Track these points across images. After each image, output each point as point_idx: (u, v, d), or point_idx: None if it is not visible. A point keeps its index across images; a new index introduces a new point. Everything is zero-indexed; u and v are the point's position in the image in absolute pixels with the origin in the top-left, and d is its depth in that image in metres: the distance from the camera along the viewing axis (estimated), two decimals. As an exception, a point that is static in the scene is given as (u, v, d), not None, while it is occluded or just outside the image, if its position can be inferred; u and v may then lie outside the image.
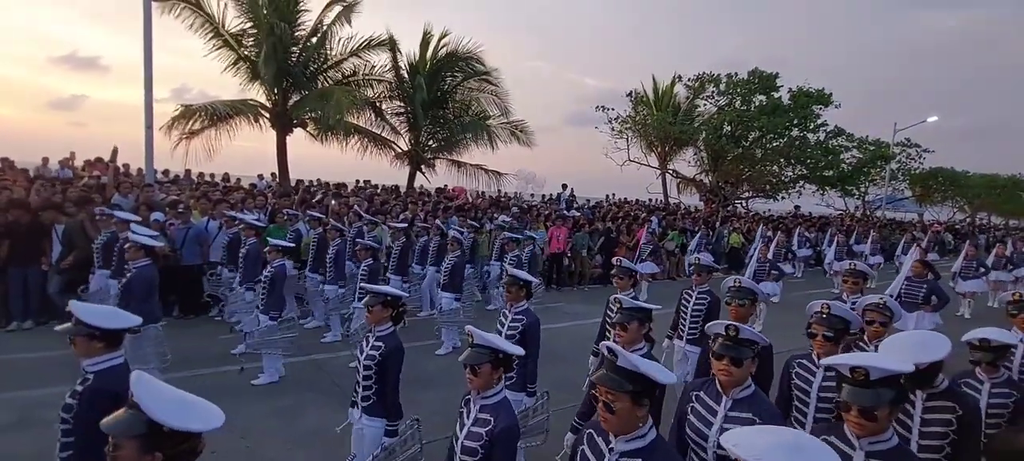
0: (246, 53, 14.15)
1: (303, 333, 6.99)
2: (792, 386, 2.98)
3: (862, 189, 27.22)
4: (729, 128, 22.73)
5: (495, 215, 12.32)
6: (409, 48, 16.22)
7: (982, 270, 11.10)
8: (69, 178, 10.88)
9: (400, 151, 16.97)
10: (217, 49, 13.98)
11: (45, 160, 12.43)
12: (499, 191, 17.86)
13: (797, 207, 24.52)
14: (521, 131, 17.07)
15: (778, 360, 3.22)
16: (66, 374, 3.00)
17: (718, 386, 2.36)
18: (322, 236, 7.61)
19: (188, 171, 14.26)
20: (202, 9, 13.50)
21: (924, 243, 15.95)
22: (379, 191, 14.59)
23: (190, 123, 13.39)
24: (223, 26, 13.79)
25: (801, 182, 23.92)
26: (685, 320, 4.88)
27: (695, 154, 24.45)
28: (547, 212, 13.78)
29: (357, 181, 16.23)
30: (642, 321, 3.19)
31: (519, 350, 2.49)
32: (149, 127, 10.23)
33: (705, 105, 23.57)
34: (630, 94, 24.14)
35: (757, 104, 22.10)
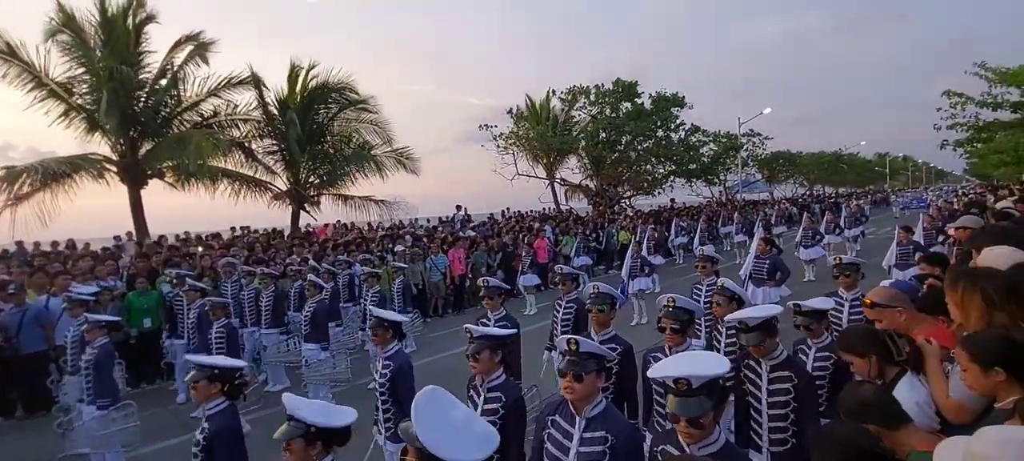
0: (79, 102, 12.45)
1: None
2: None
3: (721, 177, 30.59)
4: (603, 134, 24.35)
5: (392, 246, 11.98)
6: (276, 83, 15.32)
7: (818, 238, 12.76)
8: None
9: (278, 191, 15.89)
10: (41, 101, 12.15)
11: None
12: (391, 220, 17.38)
13: (672, 200, 26.86)
14: (407, 158, 16.79)
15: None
16: None
17: (571, 407, 2.25)
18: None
19: (19, 243, 12.12)
20: (17, 57, 11.68)
21: (771, 219, 18.24)
22: (259, 237, 13.47)
23: (16, 186, 11.47)
24: (46, 74, 12.03)
25: (671, 177, 26.26)
26: (557, 330, 4.84)
27: (578, 161, 25.86)
28: (443, 235, 13.67)
29: (233, 229, 14.87)
30: (494, 349, 2.87)
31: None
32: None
33: (579, 115, 25.07)
34: (511, 111, 24.98)
35: (624, 111, 23.95)
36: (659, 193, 26.91)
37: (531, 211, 23.46)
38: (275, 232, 14.84)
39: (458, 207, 18.63)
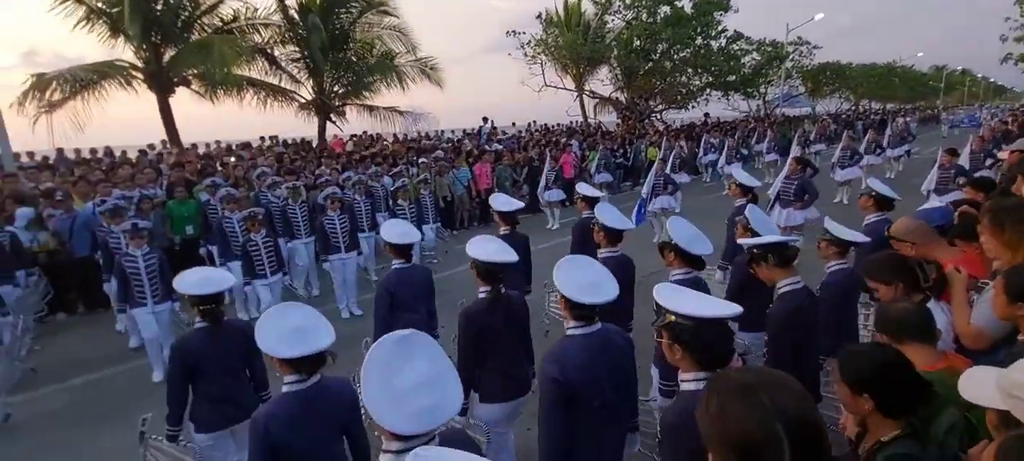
0: (100, 5, 12.27)
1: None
2: None
3: (762, 90, 28.97)
4: (638, 43, 23.07)
5: (416, 159, 11.96)
6: (295, -17, 14.74)
7: (856, 157, 12.08)
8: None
9: (304, 101, 15.81)
10: (61, 4, 12.01)
11: None
12: (418, 133, 17.26)
13: (706, 115, 25.80)
14: (431, 68, 16.34)
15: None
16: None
17: None
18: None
19: (60, 151, 12.53)
20: (35, -44, 11.45)
21: (809, 136, 17.36)
22: (286, 147, 13.61)
23: (48, 94, 11.65)
24: (66, -26, 11.81)
25: (708, 89, 25.03)
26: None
27: (610, 72, 24.77)
28: (469, 149, 13.56)
29: (261, 138, 15.02)
30: (477, 271, 2.90)
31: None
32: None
33: (613, 21, 23.65)
34: (539, 16, 23.73)
35: (662, 16, 22.47)
36: (693, 106, 25.82)
37: (558, 124, 22.94)
38: (304, 142, 14.96)
39: (484, 119, 18.30)
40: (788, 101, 32.60)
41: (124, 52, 12.83)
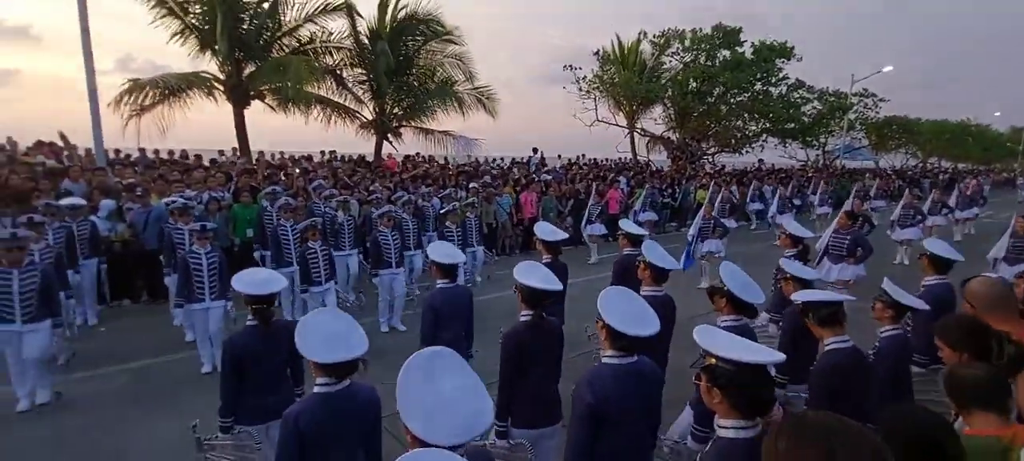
0: (193, 21, 13.42)
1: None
2: None
3: (821, 140, 28.05)
4: (695, 84, 22.97)
5: (466, 183, 12.26)
6: (367, 12, 15.66)
7: (919, 218, 11.33)
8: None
9: (365, 120, 16.59)
10: (161, 18, 13.21)
11: (-18, 144, 11.67)
12: (469, 157, 17.71)
13: (761, 160, 25.20)
14: (487, 97, 16.83)
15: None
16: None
17: None
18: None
19: (142, 150, 13.64)
20: (141, -26, 12.69)
21: (868, 191, 16.53)
22: (343, 163, 14.28)
23: (140, 98, 12.73)
24: (166, -8, 13.01)
25: (764, 135, 24.51)
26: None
27: (663, 111, 24.71)
28: (516, 177, 13.79)
29: (322, 152, 15.85)
30: (521, 294, 2.99)
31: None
32: (95, 106, 9.68)
33: (671, 61, 23.70)
34: (597, 53, 24.06)
35: (721, 59, 22.33)
36: (747, 151, 25.32)
37: (606, 159, 22.97)
38: (361, 159, 15.66)
39: (534, 150, 18.60)
40: (850, 153, 31.37)
41: (210, 65, 13.95)
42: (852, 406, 2.61)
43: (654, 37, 23.19)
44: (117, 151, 13.48)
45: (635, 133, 25.04)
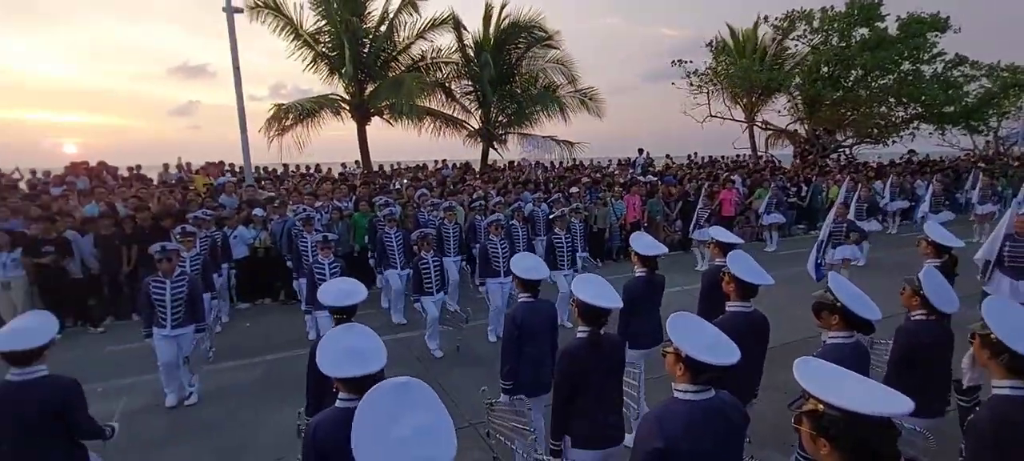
0: (322, 50, 14.98)
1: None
2: None
3: (992, 124, 23.64)
4: (826, 69, 20.67)
5: (569, 189, 12.21)
6: (472, 26, 16.35)
7: None
8: (184, 182, 12.26)
9: (472, 129, 17.29)
10: (298, 49, 14.92)
11: (166, 166, 14.10)
12: (573, 160, 17.67)
13: (912, 151, 21.94)
14: (590, 98, 16.67)
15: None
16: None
17: None
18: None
19: (285, 166, 15.54)
20: (282, 13, 14.42)
21: None
22: (451, 170, 15.00)
23: (283, 120, 14.53)
24: (301, 26, 14.66)
25: (916, 122, 21.31)
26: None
27: (788, 101, 22.56)
28: (623, 181, 13.46)
29: (434, 162, 16.84)
30: (579, 310, 2.91)
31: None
32: (244, 132, 11.22)
33: (796, 46, 21.55)
34: (709, 44, 22.68)
35: (858, 39, 19.82)
36: (894, 141, 22.15)
37: (723, 157, 21.54)
38: (467, 166, 16.37)
39: (640, 150, 18.05)
40: (1029, 138, 26.06)
41: (337, 87, 15.49)
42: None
43: (776, 21, 21.26)
44: (264, 168, 15.51)
45: (755, 127, 23.17)
